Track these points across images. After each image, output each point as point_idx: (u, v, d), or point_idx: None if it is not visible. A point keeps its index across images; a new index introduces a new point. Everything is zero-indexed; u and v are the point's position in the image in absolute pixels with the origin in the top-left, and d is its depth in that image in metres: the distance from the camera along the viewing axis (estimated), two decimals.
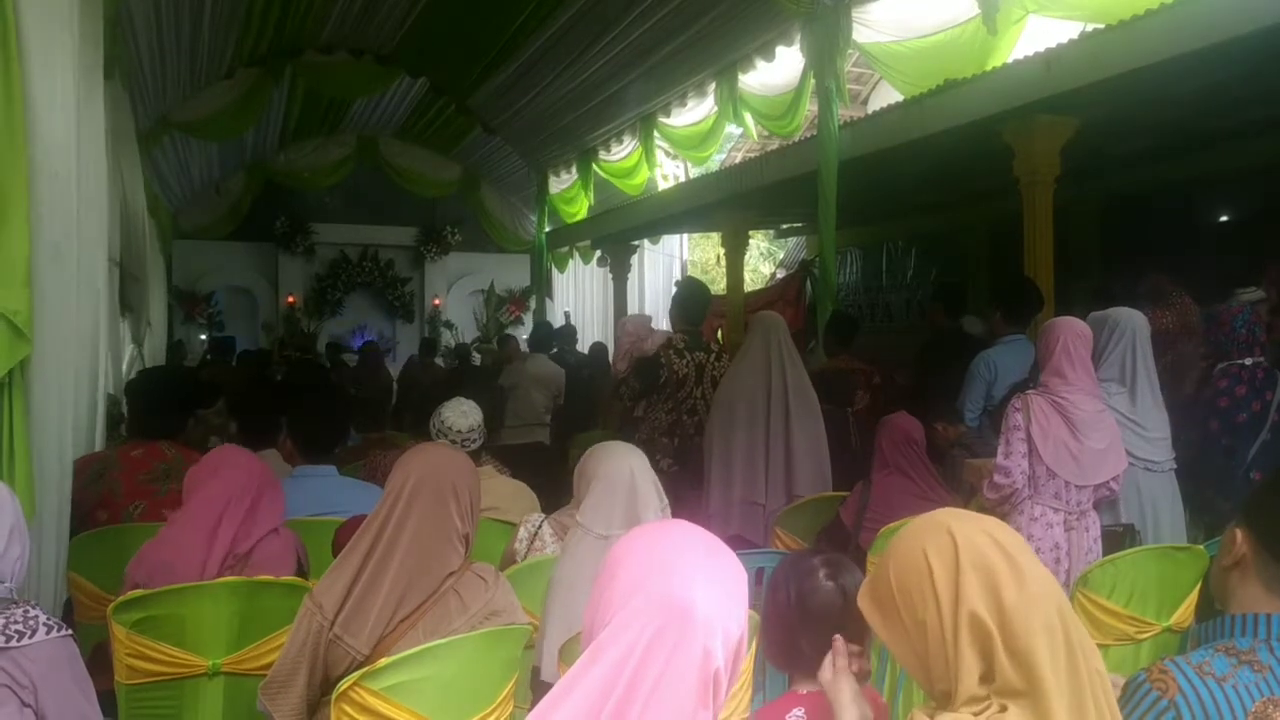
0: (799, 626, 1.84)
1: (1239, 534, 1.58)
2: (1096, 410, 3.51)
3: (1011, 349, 4.57)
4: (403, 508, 2.17)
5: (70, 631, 1.96)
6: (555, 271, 13.64)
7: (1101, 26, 4.45)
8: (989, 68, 5.23)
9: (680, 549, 1.14)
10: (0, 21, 2.29)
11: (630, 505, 2.62)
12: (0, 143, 2.29)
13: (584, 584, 2.24)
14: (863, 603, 1.50)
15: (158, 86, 8.35)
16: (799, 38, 6.90)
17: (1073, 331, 3.55)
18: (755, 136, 9.60)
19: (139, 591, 2.51)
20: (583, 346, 10.72)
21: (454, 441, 3.79)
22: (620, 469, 2.67)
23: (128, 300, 7.26)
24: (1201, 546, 3.27)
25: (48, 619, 1.92)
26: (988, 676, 1.34)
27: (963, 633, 1.34)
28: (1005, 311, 4.70)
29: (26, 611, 1.89)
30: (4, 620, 1.85)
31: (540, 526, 3.11)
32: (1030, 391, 3.58)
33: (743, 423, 4.40)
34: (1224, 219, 7.01)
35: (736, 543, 3.84)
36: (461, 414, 3.86)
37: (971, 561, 1.36)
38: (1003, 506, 3.50)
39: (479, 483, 2.34)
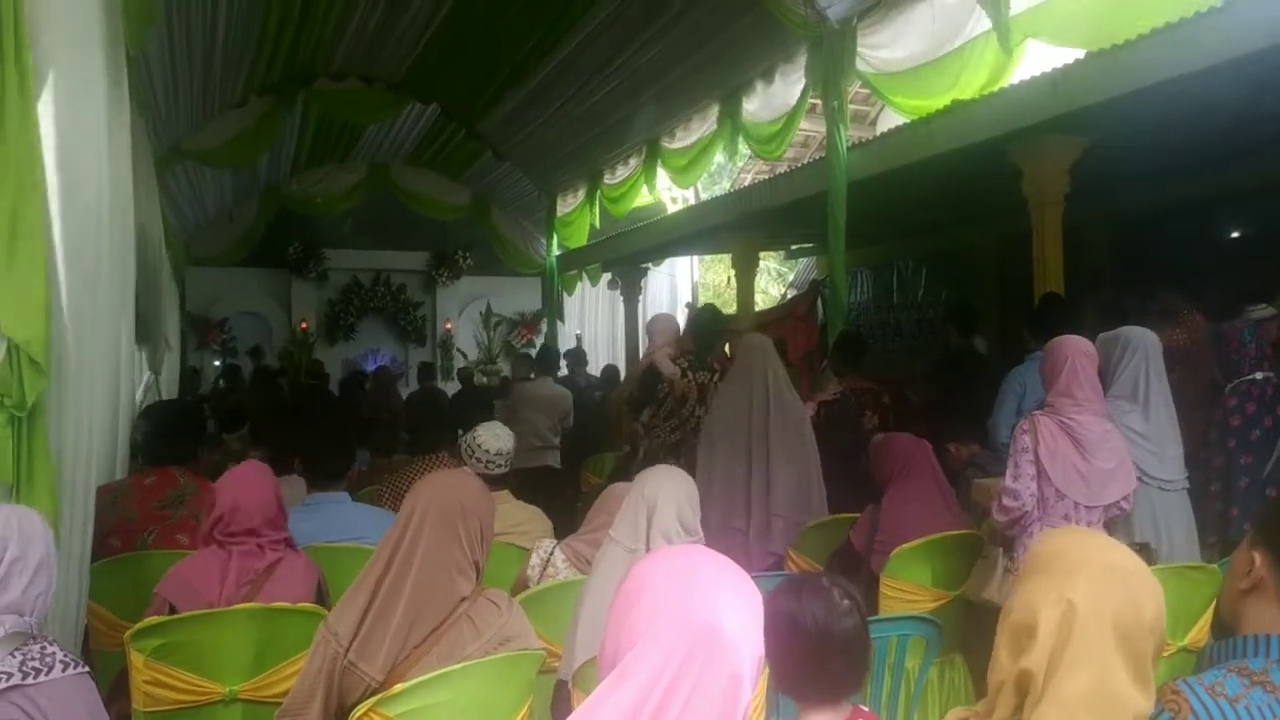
0: (817, 652, 1.83)
1: (1256, 556, 1.56)
2: (1104, 430, 3.49)
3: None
4: (411, 535, 2.19)
5: (87, 669, 1.96)
6: (565, 294, 13.68)
7: (1106, 47, 4.47)
8: (986, 92, 5.24)
9: (701, 572, 1.15)
10: (15, 51, 2.31)
11: (658, 524, 2.64)
12: (19, 174, 2.30)
13: (610, 596, 2.25)
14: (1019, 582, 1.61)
15: (171, 115, 8.42)
16: (804, 61, 6.93)
17: (1079, 351, 3.53)
18: (735, 162, 9.61)
19: (156, 619, 2.53)
20: (593, 369, 10.70)
21: (480, 461, 3.77)
22: (655, 489, 2.70)
23: (143, 330, 7.30)
24: (1215, 566, 3.26)
25: (65, 656, 1.92)
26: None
27: (1011, 682, 1.49)
28: (1031, 329, 4.68)
29: (44, 648, 1.90)
30: (21, 657, 1.85)
31: (552, 552, 3.12)
32: (1037, 413, 3.55)
33: (723, 446, 4.40)
34: (1235, 236, 7.00)
35: None
36: (495, 436, 3.83)
37: (1084, 636, 1.45)
38: (1012, 529, 3.48)
39: (492, 508, 2.35)
